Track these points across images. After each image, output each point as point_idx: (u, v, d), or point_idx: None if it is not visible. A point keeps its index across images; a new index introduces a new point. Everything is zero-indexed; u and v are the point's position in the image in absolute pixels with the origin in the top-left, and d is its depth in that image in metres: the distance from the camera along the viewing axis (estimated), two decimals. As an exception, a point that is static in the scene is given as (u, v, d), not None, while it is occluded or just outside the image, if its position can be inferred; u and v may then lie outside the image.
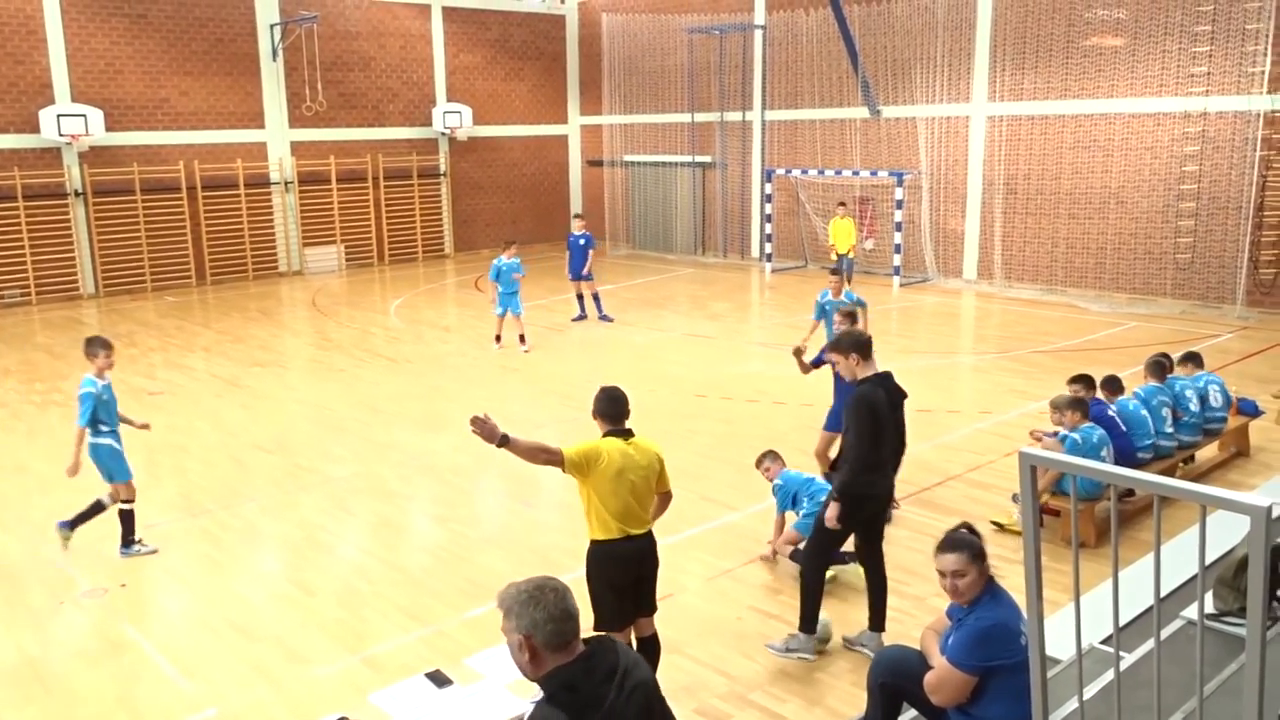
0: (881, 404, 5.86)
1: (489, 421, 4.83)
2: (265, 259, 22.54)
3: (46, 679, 6.16)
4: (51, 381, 13.63)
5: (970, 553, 4.22)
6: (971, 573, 4.23)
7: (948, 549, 4.27)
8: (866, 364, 6.00)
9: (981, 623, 4.16)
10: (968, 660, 4.14)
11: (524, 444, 5.00)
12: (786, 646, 6.05)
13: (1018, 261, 19.49)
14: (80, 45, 19.68)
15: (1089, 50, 17.89)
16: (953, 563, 4.23)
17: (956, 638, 4.21)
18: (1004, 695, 4.10)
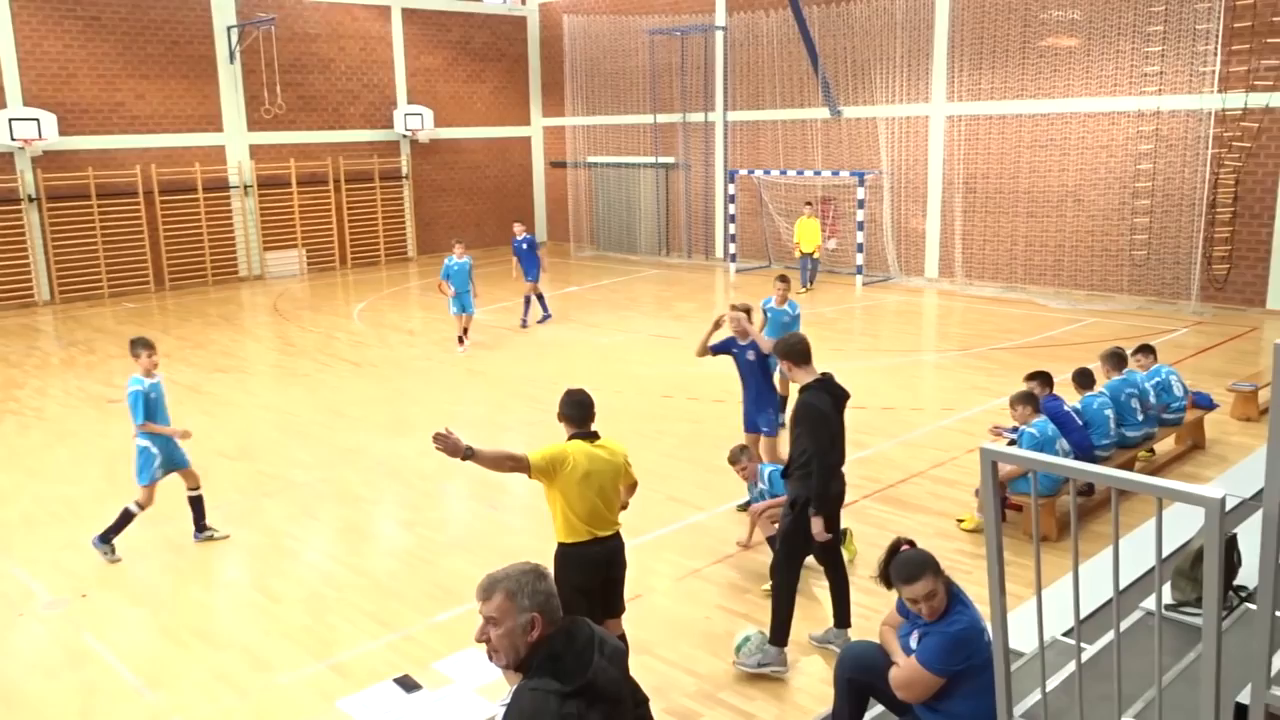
0: (828, 408, 5.86)
1: (451, 436, 4.82)
2: (225, 264, 22.28)
3: (7, 692, 6.06)
4: (6, 390, 13.39)
5: (933, 571, 4.28)
6: (939, 589, 4.30)
7: (913, 576, 4.27)
8: (804, 369, 5.98)
9: (954, 628, 4.21)
10: (942, 666, 4.18)
11: (488, 454, 4.99)
12: (759, 662, 6.00)
13: (978, 260, 19.72)
14: (32, 48, 19.35)
15: (1045, 50, 18.15)
16: (922, 588, 4.26)
17: (930, 643, 4.23)
18: (971, 691, 4.16)
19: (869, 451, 10.03)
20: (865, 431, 10.67)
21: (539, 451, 5.12)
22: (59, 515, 8.95)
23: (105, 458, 10.51)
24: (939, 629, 4.24)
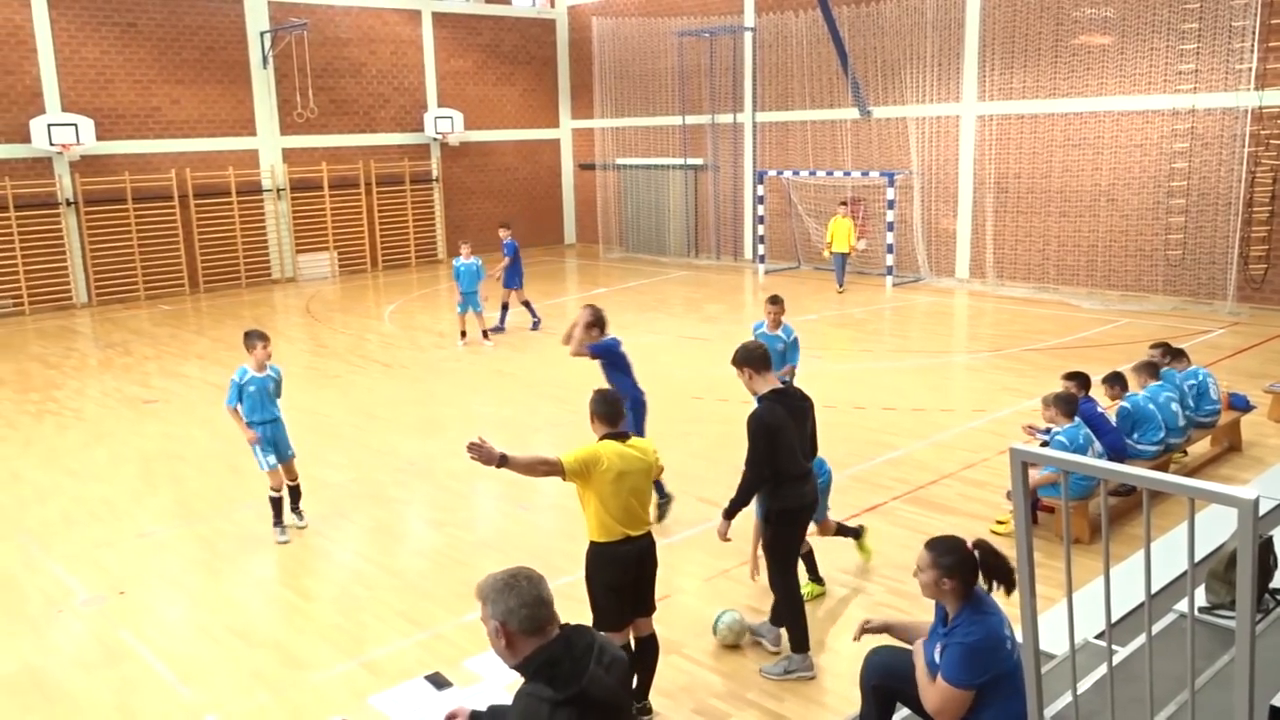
0: (779, 419, 5.73)
1: (485, 445, 4.90)
2: (258, 266, 22.53)
3: (46, 687, 6.17)
4: (46, 391, 13.61)
5: (934, 557, 4.21)
6: (926, 575, 4.22)
7: (926, 545, 4.31)
8: (762, 377, 5.88)
9: (970, 638, 4.12)
10: (967, 679, 4.11)
11: (522, 460, 5.05)
12: (785, 670, 6.01)
13: (1010, 260, 19.57)
14: (70, 55, 19.68)
15: (1078, 49, 17.98)
16: (920, 556, 4.29)
17: (949, 658, 4.17)
18: (998, 697, 4.11)
19: (899, 453, 9.99)
20: (895, 433, 10.63)
21: (572, 454, 5.16)
22: (97, 514, 9.10)
23: (141, 458, 10.68)
24: (956, 640, 4.16)
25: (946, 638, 4.22)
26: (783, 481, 5.80)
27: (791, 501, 5.86)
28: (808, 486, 5.97)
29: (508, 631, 3.15)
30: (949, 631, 4.21)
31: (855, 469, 9.55)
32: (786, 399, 5.89)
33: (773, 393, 5.86)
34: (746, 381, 5.90)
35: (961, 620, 4.17)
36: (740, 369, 5.90)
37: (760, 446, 5.72)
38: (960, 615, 4.19)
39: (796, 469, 5.87)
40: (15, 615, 7.13)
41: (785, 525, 5.92)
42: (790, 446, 5.79)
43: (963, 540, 4.32)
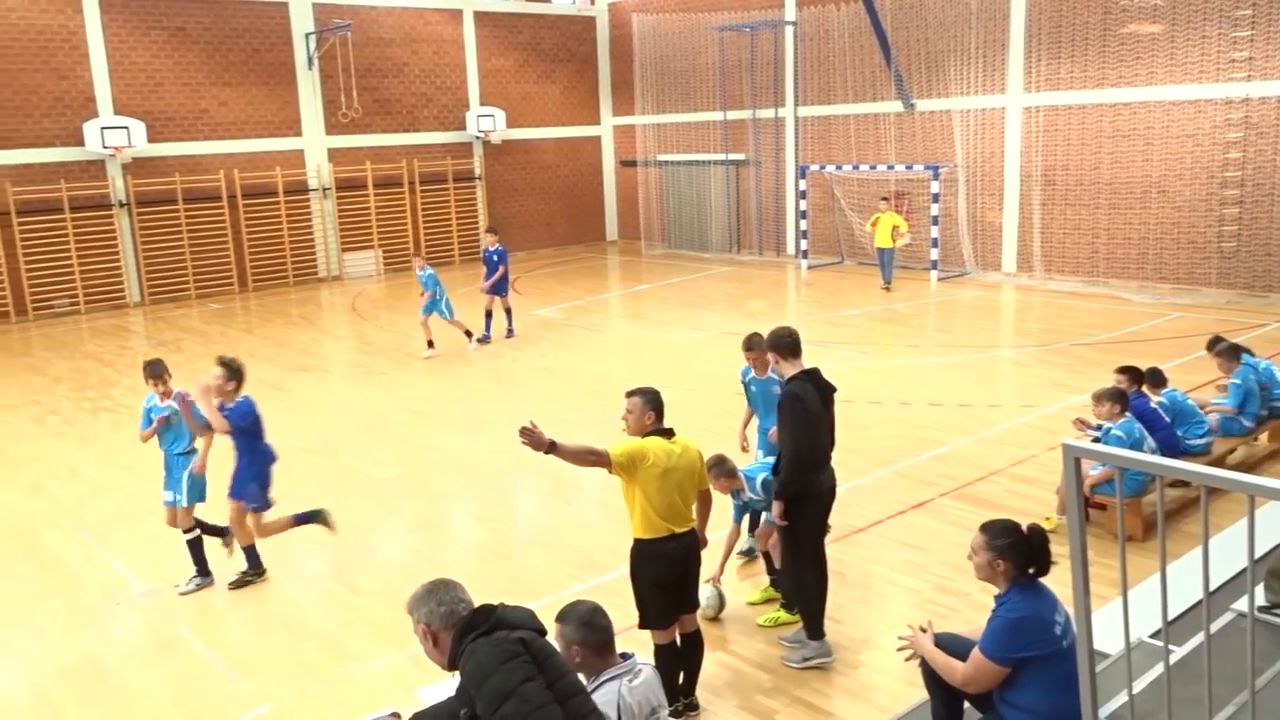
0: (812, 400, 5.75)
1: (536, 430, 4.92)
2: (305, 265, 22.83)
3: (105, 678, 6.31)
4: (101, 389, 13.90)
5: (987, 539, 4.25)
6: (980, 557, 4.26)
7: (980, 527, 4.35)
8: (791, 362, 5.91)
9: (1011, 614, 4.17)
10: (1000, 653, 4.16)
11: (570, 448, 5.07)
12: (803, 658, 6.01)
13: (1058, 253, 19.28)
14: (122, 59, 20.06)
15: (1126, 38, 17.66)
16: (974, 539, 4.33)
17: (989, 629, 4.26)
18: (1045, 684, 4.10)
19: (946, 449, 9.89)
20: (942, 429, 10.52)
21: (619, 447, 5.19)
22: (151, 509, 9.25)
23: (194, 454, 10.85)
24: (999, 614, 4.22)
25: (993, 612, 4.27)
26: (809, 466, 5.78)
27: (809, 487, 5.82)
28: (826, 473, 5.94)
29: (433, 631, 3.50)
30: (997, 606, 4.26)
31: (901, 465, 9.47)
32: (816, 380, 5.87)
33: (802, 373, 5.86)
34: (778, 367, 5.94)
35: (1009, 597, 4.23)
36: (769, 353, 5.92)
37: (798, 422, 5.70)
38: (1009, 593, 4.23)
39: (823, 455, 5.87)
40: (75, 607, 7.30)
41: (807, 511, 5.87)
42: (819, 430, 5.78)
43: (1017, 523, 4.34)
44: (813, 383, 5.83)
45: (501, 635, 3.37)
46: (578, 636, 3.92)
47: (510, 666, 3.29)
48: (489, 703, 3.27)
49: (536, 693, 3.28)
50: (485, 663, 3.31)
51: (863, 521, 8.10)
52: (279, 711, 5.86)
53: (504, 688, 3.26)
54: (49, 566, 8.05)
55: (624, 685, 3.94)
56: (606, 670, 3.96)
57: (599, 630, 3.94)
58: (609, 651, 3.99)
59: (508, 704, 3.23)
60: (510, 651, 3.33)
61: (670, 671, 5.46)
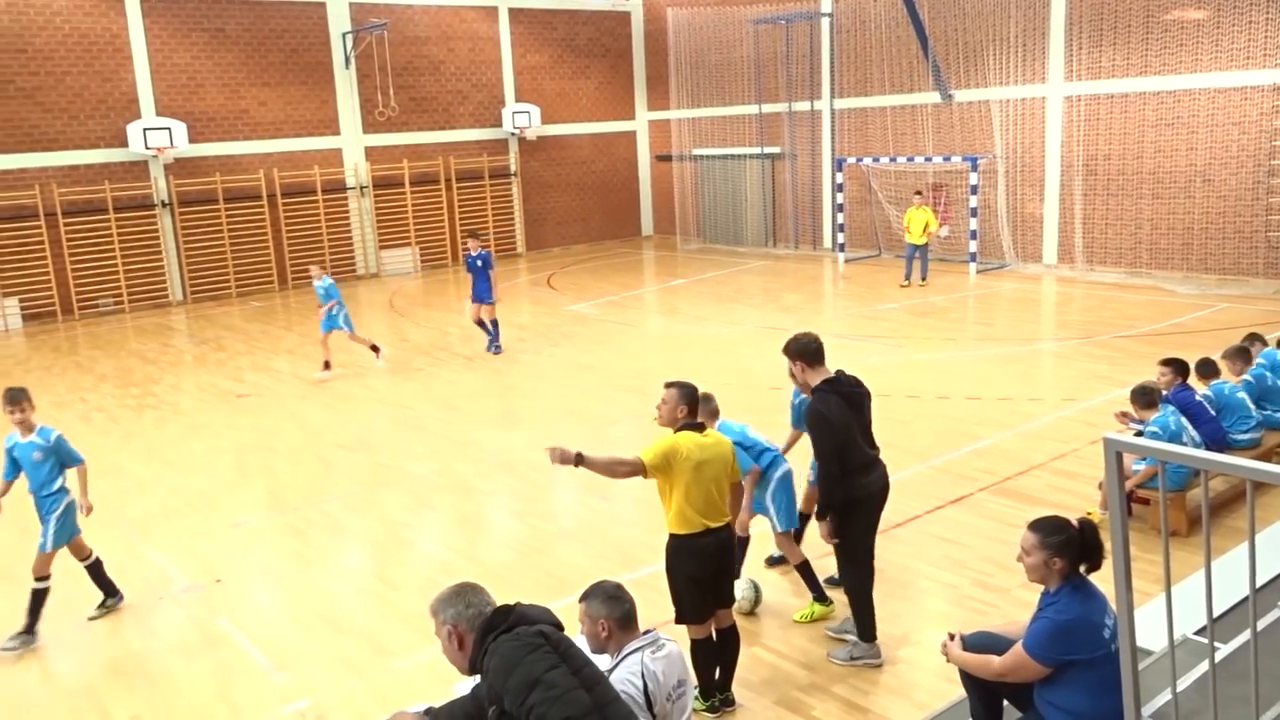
0: (836, 410, 5.59)
1: (559, 448, 4.99)
2: (343, 262, 23.04)
3: (149, 671, 6.42)
4: (145, 386, 14.12)
5: (1041, 537, 4.16)
6: (1035, 557, 4.17)
7: (1029, 526, 4.26)
8: (815, 370, 5.75)
9: (1061, 616, 4.09)
10: (1042, 652, 4.10)
11: (600, 460, 5.09)
12: (850, 655, 5.97)
13: (1100, 244, 18.99)
14: (163, 61, 20.35)
15: (1170, 24, 17.33)
16: (1024, 539, 4.24)
17: (1035, 627, 4.18)
18: (1089, 686, 4.03)
19: (985, 443, 9.78)
20: (981, 423, 10.41)
21: (650, 450, 5.16)
22: (194, 504, 9.41)
23: (235, 450, 11.01)
24: (1049, 615, 4.14)
25: (1041, 611, 4.19)
26: (849, 471, 5.68)
27: (856, 491, 5.72)
28: (872, 475, 5.82)
29: (460, 632, 3.52)
30: (1045, 605, 4.18)
31: (940, 459, 9.37)
32: (840, 386, 5.72)
33: (825, 383, 5.70)
34: (798, 374, 5.80)
35: (1061, 597, 4.14)
36: (793, 360, 5.77)
37: (825, 440, 5.60)
38: (1061, 592, 4.15)
39: (861, 457, 5.74)
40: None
41: (853, 516, 5.78)
42: (850, 435, 5.66)
43: (1066, 519, 4.27)
44: (835, 391, 5.67)
45: (522, 629, 3.42)
46: (604, 611, 4.10)
47: (534, 657, 3.35)
48: (516, 694, 3.30)
49: (562, 678, 3.33)
50: (510, 656, 3.35)
51: (900, 517, 8.02)
52: (319, 705, 5.92)
53: (530, 677, 3.30)
54: (95, 561, 8.19)
55: (647, 655, 4.06)
56: (630, 643, 4.09)
57: (623, 603, 4.13)
58: (633, 626, 4.14)
59: (535, 692, 3.28)
60: (532, 644, 3.38)
61: (706, 667, 5.45)
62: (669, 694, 4.04)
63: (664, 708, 4.02)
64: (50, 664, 6.62)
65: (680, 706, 4.10)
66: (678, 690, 4.10)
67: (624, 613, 4.11)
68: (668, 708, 4.04)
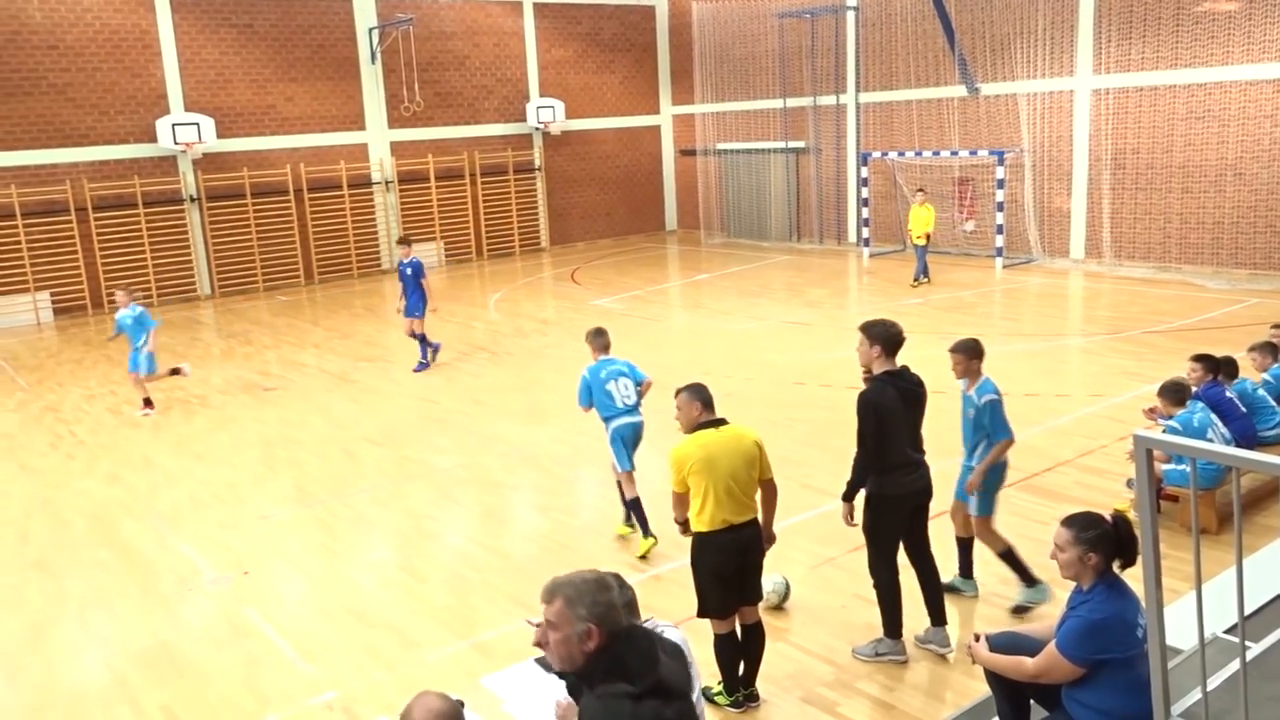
0: (889, 402, 5.62)
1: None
2: (369, 257, 23.17)
3: (178, 661, 6.49)
4: (173, 379, 14.25)
5: (1076, 533, 4.13)
6: (1070, 553, 4.13)
7: (1063, 522, 4.23)
8: (886, 359, 5.74)
9: (1095, 615, 4.06)
10: (1076, 651, 4.05)
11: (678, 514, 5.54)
12: (875, 651, 5.95)
13: (1128, 239, 18.80)
14: (192, 57, 20.51)
15: (1201, 16, 17.11)
16: (1057, 535, 4.20)
17: (1068, 626, 4.13)
18: (1118, 686, 3.99)
19: (1011, 439, 9.70)
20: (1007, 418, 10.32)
21: (673, 478, 5.40)
22: (221, 497, 9.51)
23: (262, 443, 11.11)
24: (1082, 613, 4.10)
25: (1073, 609, 4.16)
26: (887, 468, 5.68)
27: (893, 489, 5.72)
28: (911, 476, 5.80)
29: (601, 632, 2.99)
30: (1078, 604, 4.15)
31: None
32: (900, 381, 5.73)
33: (887, 373, 5.72)
34: (872, 357, 5.73)
35: (1095, 595, 4.10)
36: (872, 343, 5.72)
37: (869, 426, 5.62)
38: (1095, 590, 4.11)
39: (901, 456, 5.72)
40: (149, 592, 7.52)
41: (884, 512, 5.78)
42: (897, 432, 5.66)
43: (1100, 514, 4.24)
44: (894, 384, 5.68)
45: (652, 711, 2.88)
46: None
47: None
48: None
49: None
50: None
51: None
52: (345, 696, 5.97)
53: None
54: (125, 553, 8.30)
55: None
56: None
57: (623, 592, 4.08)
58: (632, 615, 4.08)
59: None
60: None
61: (730, 662, 5.46)
62: None
63: None
64: (81, 655, 6.71)
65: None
66: None
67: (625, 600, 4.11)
68: None
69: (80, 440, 11.54)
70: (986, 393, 6.55)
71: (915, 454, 5.83)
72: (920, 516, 5.99)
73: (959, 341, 6.70)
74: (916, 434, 5.86)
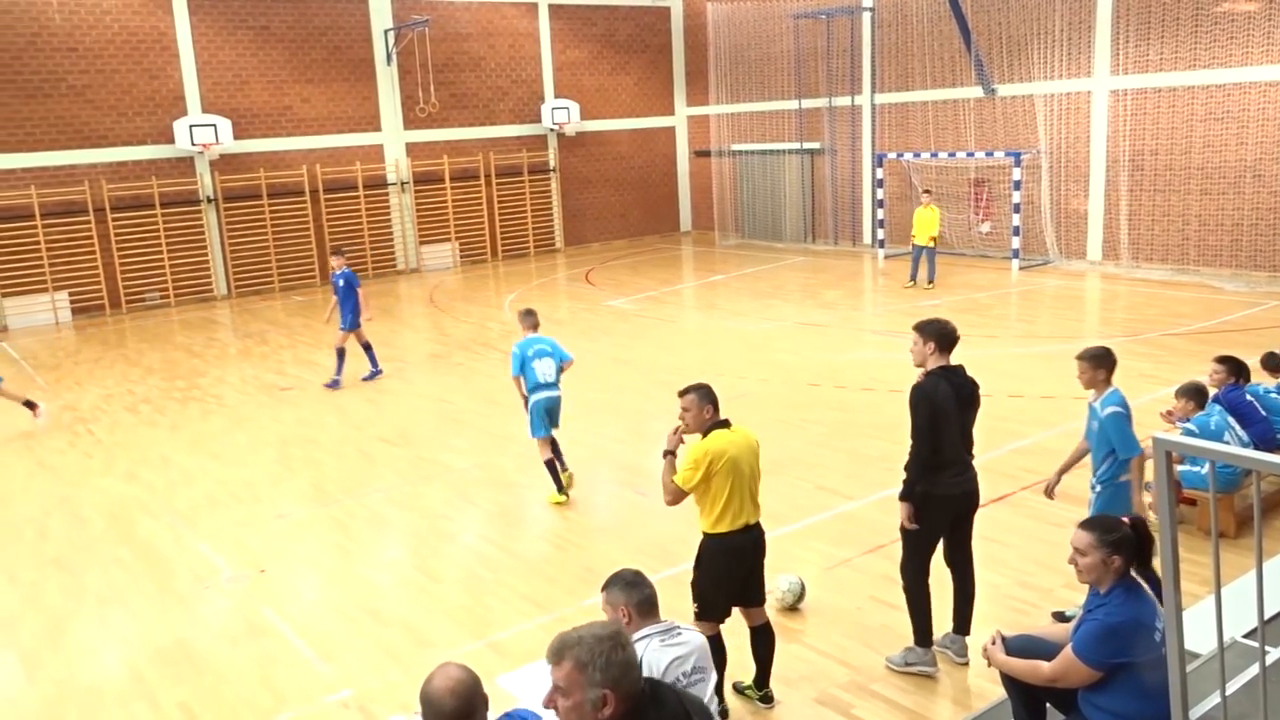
0: (944, 398, 5.49)
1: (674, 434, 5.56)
2: (384, 258, 23.25)
3: (195, 659, 6.53)
4: (190, 379, 14.35)
5: (1099, 536, 4.10)
6: (1093, 556, 4.10)
7: (1082, 525, 4.20)
8: (941, 357, 5.63)
9: (1112, 618, 4.03)
10: (1093, 655, 4.02)
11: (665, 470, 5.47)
12: (905, 660, 5.83)
13: (1145, 241, 18.70)
14: (209, 58, 20.63)
15: (1220, 17, 17.01)
16: (1078, 539, 4.16)
17: (1085, 630, 4.10)
18: (1135, 690, 3.97)
19: (1027, 441, 9.67)
20: (1023, 421, 10.29)
21: (684, 471, 5.27)
22: (238, 496, 9.56)
23: (278, 442, 11.16)
24: (1099, 616, 4.08)
25: (1090, 613, 4.14)
26: (935, 465, 5.53)
27: (937, 488, 5.56)
28: (958, 477, 5.63)
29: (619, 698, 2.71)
30: (1095, 607, 4.13)
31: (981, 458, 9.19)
32: (954, 377, 5.62)
33: (941, 368, 5.62)
34: (925, 354, 5.63)
35: (1113, 598, 4.08)
36: (926, 339, 5.62)
37: (922, 420, 5.49)
38: (1113, 593, 4.09)
39: (952, 454, 5.57)
40: (166, 590, 7.57)
41: (927, 511, 5.60)
42: (948, 429, 5.52)
43: (1118, 517, 4.23)
44: (948, 380, 5.57)
45: None
46: (623, 597, 4.11)
47: None
48: None
49: None
50: None
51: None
52: (361, 695, 5.99)
53: None
54: (143, 551, 8.35)
55: (655, 643, 4.06)
56: (643, 630, 4.10)
57: (642, 589, 4.15)
58: (652, 612, 4.15)
59: None
60: None
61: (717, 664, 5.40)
62: (676, 680, 4.02)
63: None
64: (99, 653, 6.75)
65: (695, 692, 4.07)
66: (690, 678, 4.08)
67: (643, 597, 4.13)
68: None
69: (98, 439, 11.62)
70: (1111, 404, 6.17)
71: (965, 454, 5.71)
72: (964, 521, 5.83)
73: (1085, 348, 6.38)
74: (968, 434, 5.75)
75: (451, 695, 2.90)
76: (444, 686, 2.93)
